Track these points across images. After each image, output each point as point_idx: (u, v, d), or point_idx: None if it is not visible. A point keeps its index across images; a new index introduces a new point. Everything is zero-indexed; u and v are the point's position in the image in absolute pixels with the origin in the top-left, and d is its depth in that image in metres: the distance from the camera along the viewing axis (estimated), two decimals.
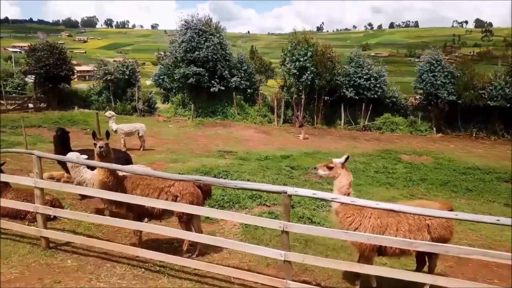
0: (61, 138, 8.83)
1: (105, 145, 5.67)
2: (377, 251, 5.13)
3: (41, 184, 5.89)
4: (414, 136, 26.31)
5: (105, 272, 5.57)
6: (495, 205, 11.22)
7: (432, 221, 5.05)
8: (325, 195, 4.70)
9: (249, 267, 6.02)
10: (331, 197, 4.62)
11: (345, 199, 4.62)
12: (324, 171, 5.12)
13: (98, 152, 5.64)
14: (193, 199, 5.87)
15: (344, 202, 4.65)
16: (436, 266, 5.60)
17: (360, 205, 4.56)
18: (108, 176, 5.73)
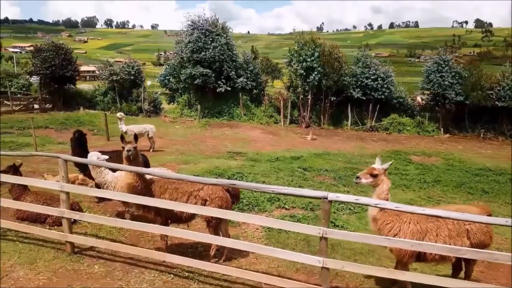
0: (79, 140, 8.70)
1: (133, 149, 5.54)
2: (416, 257, 5.02)
3: (68, 188, 5.76)
4: (421, 136, 26.19)
5: (134, 278, 5.44)
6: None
7: (471, 226, 4.94)
8: (368, 200, 4.56)
9: (278, 272, 5.90)
10: (374, 203, 4.48)
11: (390, 205, 4.48)
12: (367, 179, 4.93)
13: (126, 155, 5.51)
14: (222, 203, 5.76)
15: (389, 208, 4.50)
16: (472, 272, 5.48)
17: (404, 211, 4.43)
18: (137, 180, 5.60)
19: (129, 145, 5.54)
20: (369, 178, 4.91)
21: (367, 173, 4.95)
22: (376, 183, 4.96)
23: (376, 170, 4.96)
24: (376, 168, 4.99)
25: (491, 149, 23.02)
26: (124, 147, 5.54)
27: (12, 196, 7.24)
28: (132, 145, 5.55)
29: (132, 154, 5.51)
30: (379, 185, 4.96)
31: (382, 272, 4.74)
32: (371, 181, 4.93)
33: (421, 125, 26.91)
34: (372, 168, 4.99)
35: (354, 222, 8.63)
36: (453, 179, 14.08)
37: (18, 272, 5.39)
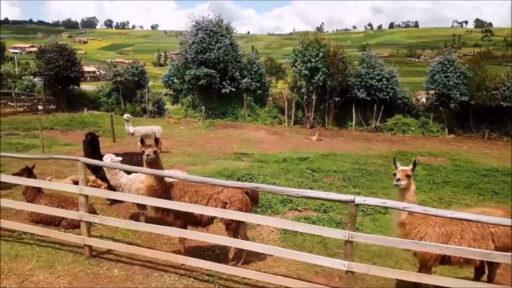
0: (91, 143, 8.66)
1: (153, 153, 5.48)
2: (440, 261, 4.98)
3: (87, 192, 5.72)
4: (426, 137, 26.15)
5: (154, 282, 5.40)
6: None
7: (496, 229, 4.88)
8: (396, 204, 4.50)
9: (298, 275, 5.86)
10: (403, 207, 4.43)
11: (418, 208, 4.44)
12: (404, 182, 4.75)
13: (146, 159, 5.46)
14: (242, 206, 5.72)
15: (417, 211, 4.45)
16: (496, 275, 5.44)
17: (434, 214, 4.38)
18: (157, 184, 5.57)
19: (149, 149, 5.49)
20: (405, 180, 4.75)
21: (404, 174, 4.78)
22: (408, 185, 4.83)
23: (409, 171, 4.85)
24: (409, 169, 4.87)
25: (496, 149, 22.96)
26: (144, 151, 5.49)
27: (26, 199, 7.21)
28: (152, 149, 5.51)
29: (152, 158, 5.47)
30: (408, 187, 4.84)
31: (408, 276, 4.70)
32: (405, 183, 4.78)
33: (426, 125, 26.86)
34: (405, 170, 4.85)
35: (369, 224, 8.58)
36: (462, 179, 14.01)
37: (38, 276, 5.36)
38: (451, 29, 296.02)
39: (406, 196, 4.82)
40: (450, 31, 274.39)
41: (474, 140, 25.72)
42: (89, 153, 8.53)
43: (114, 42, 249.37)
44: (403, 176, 4.77)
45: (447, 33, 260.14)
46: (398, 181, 4.74)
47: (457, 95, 25.73)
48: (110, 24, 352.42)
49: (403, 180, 4.76)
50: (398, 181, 4.74)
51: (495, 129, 26.44)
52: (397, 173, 4.81)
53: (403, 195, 4.83)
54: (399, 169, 4.91)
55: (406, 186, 4.81)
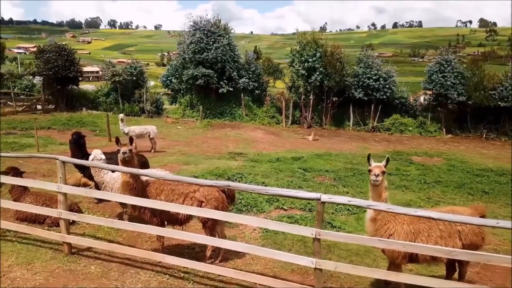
0: (77, 142, 8.74)
1: (128, 151, 5.59)
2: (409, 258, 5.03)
3: (65, 189, 5.81)
4: (423, 137, 26.12)
5: (129, 278, 5.49)
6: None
7: (463, 227, 4.92)
8: (361, 202, 4.56)
9: (274, 273, 5.93)
10: (367, 204, 4.48)
11: (382, 206, 4.50)
12: (380, 177, 4.71)
13: (121, 158, 5.57)
14: (218, 204, 5.79)
15: (381, 209, 4.52)
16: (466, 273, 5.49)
17: (397, 212, 4.44)
18: (132, 181, 5.66)
19: (125, 148, 5.60)
20: (381, 176, 4.71)
21: (380, 171, 4.74)
22: (382, 182, 4.81)
23: (383, 167, 4.83)
24: (383, 166, 4.85)
25: (493, 149, 22.92)
26: (119, 150, 5.59)
27: (12, 197, 7.32)
28: (127, 148, 5.61)
29: (127, 156, 5.57)
30: (381, 183, 4.82)
31: (375, 273, 4.77)
32: (381, 179, 4.74)
33: (423, 125, 26.82)
34: (380, 166, 4.81)
35: (352, 223, 8.63)
36: (454, 179, 14.03)
37: (16, 272, 5.46)
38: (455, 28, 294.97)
39: (380, 192, 4.84)
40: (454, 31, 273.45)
41: (472, 140, 25.67)
42: (75, 152, 8.64)
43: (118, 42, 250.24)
44: (380, 172, 4.76)
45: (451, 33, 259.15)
46: (377, 177, 4.71)
47: (455, 95, 25.68)
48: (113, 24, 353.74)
49: (380, 176, 4.74)
50: (376, 177, 4.71)
51: (493, 129, 26.34)
52: (373, 170, 4.78)
53: (377, 191, 4.83)
54: (373, 165, 4.87)
55: (381, 182, 4.82)
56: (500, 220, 4.20)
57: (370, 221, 4.94)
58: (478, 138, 26.18)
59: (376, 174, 4.75)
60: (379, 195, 4.85)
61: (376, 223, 4.88)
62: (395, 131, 26.81)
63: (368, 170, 4.93)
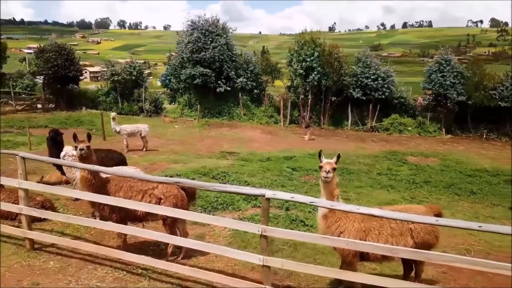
0: (54, 140, 8.82)
1: (85, 148, 5.62)
2: (360, 257, 4.98)
3: (25, 185, 5.87)
4: (422, 137, 25.88)
5: (85, 274, 5.53)
6: (499, 208, 10.87)
7: (415, 226, 4.86)
8: (303, 198, 4.54)
9: (233, 270, 5.92)
10: (309, 201, 4.47)
11: (325, 203, 4.47)
12: (331, 174, 4.70)
13: (79, 154, 5.60)
14: (177, 202, 5.80)
15: (323, 206, 4.49)
16: (423, 272, 5.43)
17: (340, 209, 4.41)
18: (91, 177, 5.68)
19: (82, 144, 5.63)
20: (332, 172, 4.69)
21: (331, 167, 4.73)
22: (332, 178, 4.78)
23: (334, 164, 4.80)
24: (333, 162, 4.82)
25: (493, 150, 22.64)
26: (77, 146, 5.63)
27: None
28: (84, 144, 5.65)
29: (84, 152, 5.60)
30: (332, 180, 4.79)
31: (321, 271, 4.73)
32: (332, 175, 4.72)
33: (422, 125, 26.55)
34: (331, 162, 4.79)
35: None
36: (444, 180, 13.91)
37: None
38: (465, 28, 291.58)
39: (331, 189, 4.80)
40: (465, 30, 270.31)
41: (472, 141, 25.37)
42: (52, 149, 8.74)
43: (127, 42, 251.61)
44: (331, 168, 4.72)
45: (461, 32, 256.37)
46: (328, 173, 4.67)
47: (454, 95, 25.39)
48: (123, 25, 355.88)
49: (331, 172, 4.71)
50: (327, 173, 4.67)
51: (494, 129, 25.99)
52: (324, 166, 4.73)
53: (328, 187, 4.79)
54: (324, 162, 4.83)
55: (332, 179, 4.78)
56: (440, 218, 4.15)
57: (321, 218, 4.91)
58: (479, 138, 25.86)
59: (327, 171, 4.71)
60: (331, 192, 4.82)
61: (327, 220, 4.85)
62: (394, 131, 26.59)
63: (319, 167, 4.88)
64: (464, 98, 25.48)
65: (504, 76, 25.35)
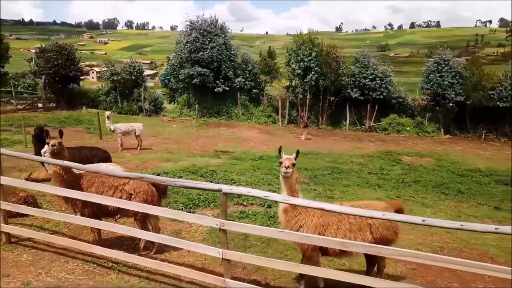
0: (39, 137, 9.01)
1: (57, 144, 5.78)
2: (321, 251, 5.08)
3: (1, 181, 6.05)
4: (421, 137, 25.85)
5: (56, 267, 5.68)
6: (484, 207, 10.90)
7: (374, 221, 4.94)
8: (258, 193, 4.65)
9: (203, 265, 6.05)
10: (264, 195, 4.58)
11: (277, 197, 4.59)
12: (291, 169, 4.79)
13: (51, 150, 5.76)
14: (147, 197, 5.93)
15: (277, 200, 4.61)
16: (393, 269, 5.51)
17: (292, 204, 4.53)
18: (64, 173, 5.83)
19: (54, 140, 5.79)
20: (291, 168, 4.79)
21: (290, 163, 4.81)
22: (292, 173, 4.87)
23: (293, 159, 4.89)
24: (293, 158, 4.91)
25: (491, 150, 22.56)
26: (49, 142, 5.78)
27: None
28: (56, 141, 5.80)
29: (56, 149, 5.76)
30: (292, 175, 4.88)
31: (277, 264, 4.84)
32: (291, 171, 4.81)
33: (421, 125, 26.52)
34: (290, 158, 4.87)
35: None
36: (434, 179, 13.95)
37: None
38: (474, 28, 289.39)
39: (291, 183, 4.90)
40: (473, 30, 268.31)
41: (470, 141, 25.29)
42: (37, 146, 8.94)
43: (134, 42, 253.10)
44: (290, 164, 4.81)
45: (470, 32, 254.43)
46: (287, 169, 4.77)
47: (452, 95, 25.31)
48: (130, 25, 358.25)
49: (290, 168, 4.80)
50: (287, 168, 4.77)
51: (493, 129, 25.88)
52: (284, 162, 4.82)
53: (288, 183, 4.89)
54: (284, 157, 4.91)
55: (291, 174, 4.88)
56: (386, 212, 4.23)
57: (282, 213, 5.01)
58: (477, 138, 25.78)
59: (287, 166, 4.81)
60: (290, 187, 4.92)
61: (287, 214, 4.95)
62: (392, 131, 26.57)
63: (279, 163, 4.99)
64: (463, 98, 25.41)
65: (503, 76, 25.21)
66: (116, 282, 5.40)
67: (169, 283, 5.48)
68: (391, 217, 4.06)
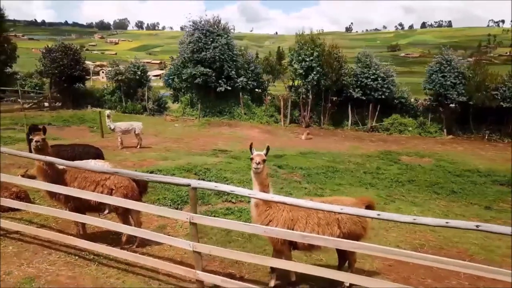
0: None
1: (41, 140, 5.99)
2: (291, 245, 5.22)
3: None
4: (423, 137, 25.77)
5: (39, 258, 5.91)
6: (475, 207, 10.92)
7: (342, 216, 5.06)
8: (225, 187, 4.81)
9: (181, 258, 6.23)
10: (230, 190, 4.73)
11: (243, 191, 4.74)
12: (261, 165, 4.94)
13: (34, 146, 5.97)
14: (127, 192, 6.13)
15: (242, 194, 4.77)
16: (355, 262, 5.62)
17: (256, 197, 4.70)
18: (47, 168, 6.05)
19: (37, 137, 6.00)
20: (262, 164, 4.94)
21: (261, 159, 4.97)
22: (262, 169, 5.02)
23: (264, 156, 5.05)
24: (263, 154, 5.07)
25: (493, 151, 22.43)
26: (32, 138, 6.00)
27: None
28: (40, 137, 6.01)
29: (39, 144, 5.97)
30: (262, 171, 5.03)
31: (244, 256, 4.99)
32: (262, 167, 4.97)
33: (423, 126, 26.42)
34: (261, 155, 5.04)
35: None
36: (429, 179, 13.94)
37: None
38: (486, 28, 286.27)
39: (262, 179, 5.05)
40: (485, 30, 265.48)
41: (473, 142, 25.14)
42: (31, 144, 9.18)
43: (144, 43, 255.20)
44: (261, 160, 4.97)
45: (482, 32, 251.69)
46: (258, 165, 4.93)
47: (454, 95, 25.19)
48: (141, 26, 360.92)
49: (261, 164, 4.97)
50: (257, 164, 4.93)
51: (496, 130, 25.68)
52: (255, 158, 4.99)
53: (259, 178, 5.04)
54: (255, 154, 5.08)
55: (262, 169, 5.03)
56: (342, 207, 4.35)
57: (253, 207, 5.16)
58: (480, 139, 25.61)
59: (257, 162, 4.97)
60: (261, 182, 5.06)
61: (258, 209, 5.10)
62: (394, 131, 26.53)
63: (250, 159, 5.14)
64: (465, 98, 25.26)
65: (507, 76, 25.01)
66: (94, 273, 5.61)
67: (146, 275, 5.67)
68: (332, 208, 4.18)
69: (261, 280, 5.69)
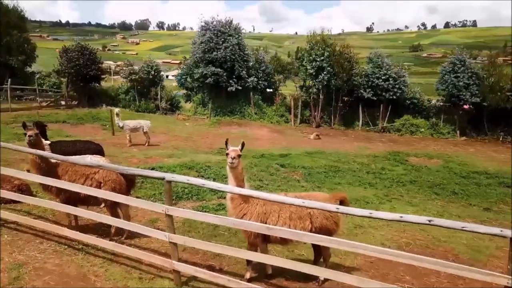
0: None
1: (34, 135, 6.32)
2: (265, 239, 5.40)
3: None
4: (435, 139, 25.46)
5: (31, 247, 6.26)
6: (474, 208, 10.83)
7: (314, 211, 5.21)
8: (197, 181, 5.01)
9: (166, 250, 6.46)
10: (201, 183, 4.94)
11: (213, 185, 4.94)
12: (236, 160, 5.15)
13: (27, 141, 6.30)
14: (115, 186, 6.40)
15: (212, 188, 4.97)
16: (330, 257, 5.74)
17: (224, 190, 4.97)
18: (40, 161, 6.37)
19: (31, 132, 6.33)
20: (237, 159, 5.15)
21: (236, 154, 5.18)
22: (238, 164, 5.23)
23: (239, 151, 5.27)
24: (238, 150, 5.29)
25: (506, 153, 21.95)
26: (26, 133, 6.34)
27: None
28: (33, 132, 6.34)
29: (32, 139, 6.30)
30: (238, 165, 5.23)
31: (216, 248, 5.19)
32: (237, 161, 5.18)
33: (435, 127, 26.07)
34: (236, 150, 5.26)
35: None
36: (433, 180, 13.84)
37: None
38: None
39: (237, 173, 5.26)
40: None
41: (486, 143, 24.69)
42: None
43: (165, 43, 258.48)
44: (236, 155, 5.18)
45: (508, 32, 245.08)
46: (233, 160, 5.14)
47: (467, 96, 24.79)
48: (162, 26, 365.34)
49: (236, 159, 5.18)
50: (233, 159, 5.14)
51: (511, 132, 25.14)
52: (230, 153, 5.20)
53: (234, 173, 5.25)
54: (230, 149, 5.30)
55: (237, 164, 5.23)
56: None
57: (229, 201, 5.38)
58: (495, 141, 25.11)
59: (233, 157, 5.18)
60: (237, 176, 5.27)
61: (233, 202, 5.31)
62: (406, 132, 26.27)
63: (225, 154, 5.35)
64: (479, 99, 24.82)
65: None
66: (80, 262, 5.91)
67: (129, 264, 5.94)
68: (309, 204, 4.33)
69: (239, 273, 5.86)
